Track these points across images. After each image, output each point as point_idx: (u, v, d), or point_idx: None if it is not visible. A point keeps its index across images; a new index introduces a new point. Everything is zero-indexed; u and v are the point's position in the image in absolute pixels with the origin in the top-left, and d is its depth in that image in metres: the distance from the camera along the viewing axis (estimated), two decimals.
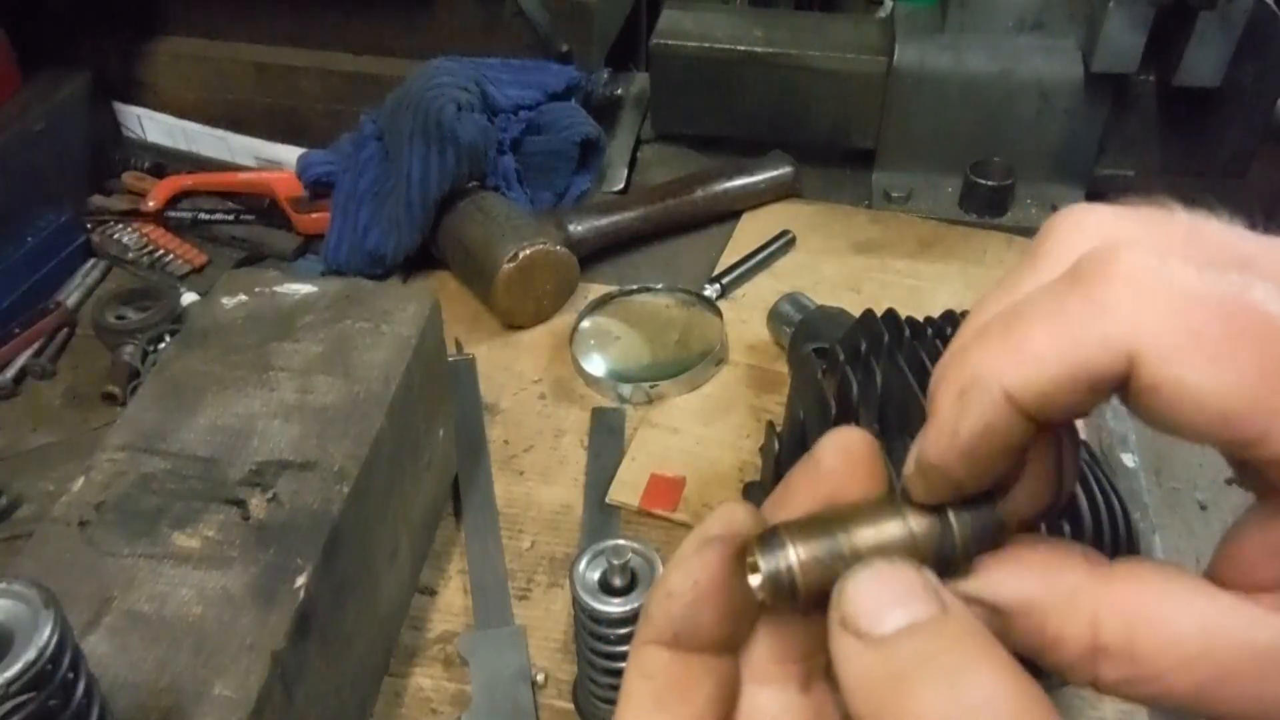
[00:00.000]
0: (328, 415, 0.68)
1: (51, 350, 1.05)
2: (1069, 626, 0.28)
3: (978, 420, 0.27)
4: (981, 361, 0.28)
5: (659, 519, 0.86)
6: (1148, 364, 0.26)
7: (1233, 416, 0.25)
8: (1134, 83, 1.15)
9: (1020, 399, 0.27)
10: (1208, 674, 0.26)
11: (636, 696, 0.31)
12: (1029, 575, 0.29)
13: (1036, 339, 0.27)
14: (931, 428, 0.29)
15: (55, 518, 0.62)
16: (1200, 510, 0.87)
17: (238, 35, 1.33)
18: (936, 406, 0.29)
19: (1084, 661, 0.28)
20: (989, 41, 1.16)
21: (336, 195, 1.15)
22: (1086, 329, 0.26)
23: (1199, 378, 0.25)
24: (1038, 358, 0.27)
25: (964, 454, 0.28)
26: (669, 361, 1.01)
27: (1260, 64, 1.09)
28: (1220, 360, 0.25)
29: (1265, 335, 0.25)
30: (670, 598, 0.30)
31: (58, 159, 1.21)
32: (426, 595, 0.80)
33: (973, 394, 0.27)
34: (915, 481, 0.30)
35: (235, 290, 0.78)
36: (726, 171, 1.20)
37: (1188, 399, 0.26)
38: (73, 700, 0.46)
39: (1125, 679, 0.27)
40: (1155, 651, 0.27)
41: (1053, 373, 0.26)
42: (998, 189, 1.17)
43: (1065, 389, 0.26)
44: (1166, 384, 0.26)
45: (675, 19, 1.28)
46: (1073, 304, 0.27)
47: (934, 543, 0.29)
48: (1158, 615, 0.27)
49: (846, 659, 0.27)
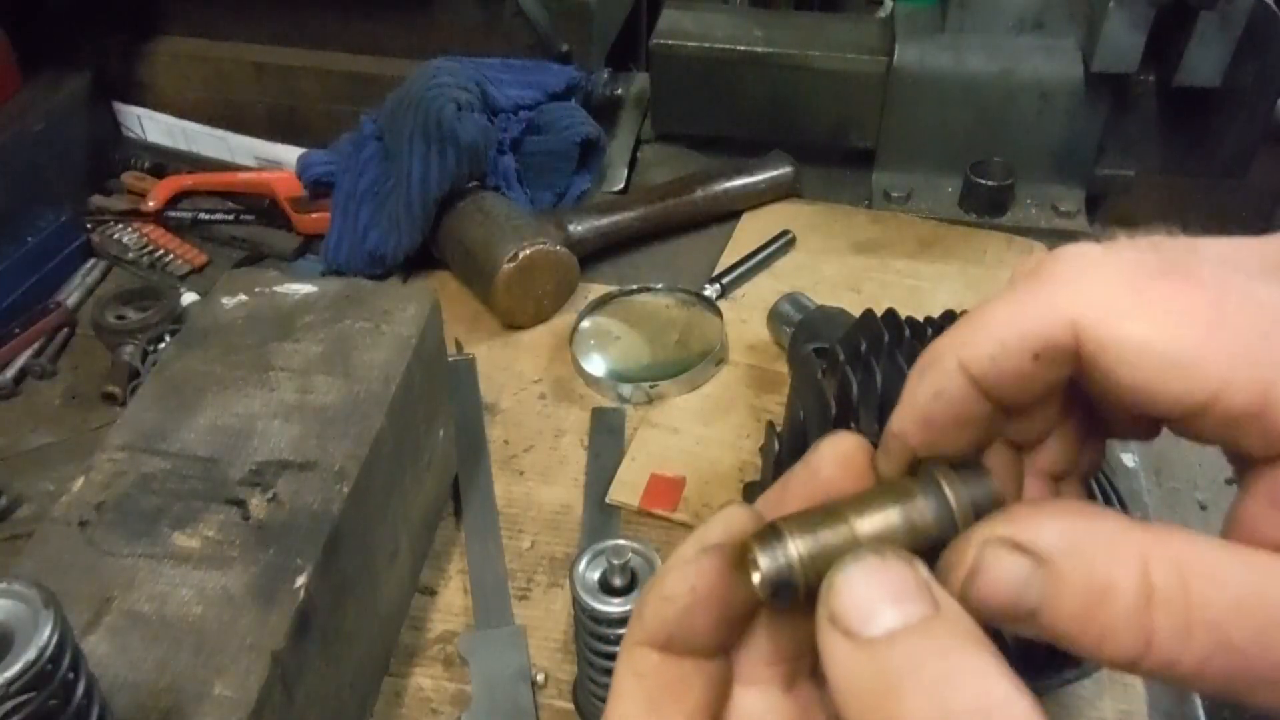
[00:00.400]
0: (328, 415, 0.68)
1: (51, 350, 1.05)
2: (1119, 568, 0.26)
3: (931, 386, 0.29)
4: (942, 340, 0.30)
5: (659, 519, 0.86)
6: (1090, 325, 0.27)
7: (1185, 366, 0.26)
8: (1134, 83, 1.15)
9: (970, 367, 0.29)
10: (1264, 619, 0.25)
11: (628, 695, 0.30)
12: (1069, 519, 0.27)
13: (988, 316, 0.29)
14: (899, 404, 0.31)
15: (55, 518, 0.62)
16: (1200, 510, 0.87)
17: (237, 35, 1.33)
18: (905, 386, 0.31)
19: (1137, 613, 0.25)
20: (989, 41, 1.16)
21: (336, 195, 1.15)
22: (1031, 301, 0.28)
23: (1141, 330, 0.26)
24: (985, 327, 0.29)
25: (919, 421, 0.30)
26: (669, 361, 1.01)
27: (1260, 64, 1.09)
28: (1161, 312, 0.26)
29: (1202, 290, 0.26)
30: (665, 601, 0.30)
31: (58, 159, 1.21)
32: (426, 595, 0.80)
33: (929, 367, 0.30)
34: (878, 456, 0.31)
35: (235, 290, 0.78)
36: (726, 171, 1.20)
37: (1135, 353, 0.26)
38: (73, 700, 0.46)
39: (1182, 627, 0.25)
40: (1211, 594, 0.25)
41: (997, 338, 0.28)
42: (998, 189, 1.17)
43: (1011, 355, 0.28)
44: (1111, 343, 0.26)
45: (675, 19, 1.28)
46: (1022, 286, 0.29)
47: (932, 521, 0.29)
48: (1206, 559, 0.26)
49: (835, 659, 0.26)
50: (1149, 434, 0.32)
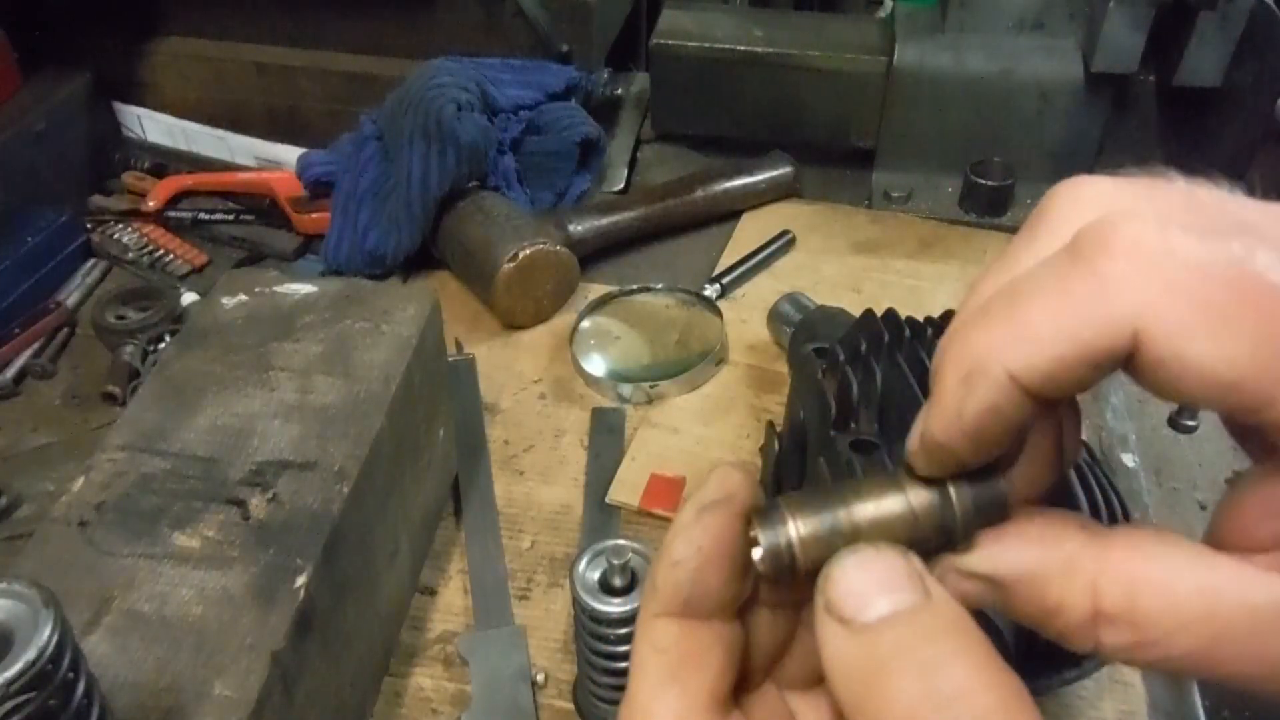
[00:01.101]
0: (328, 415, 0.68)
1: (51, 350, 1.05)
2: (1069, 594, 0.28)
3: (982, 402, 0.27)
4: (985, 343, 0.27)
5: (659, 519, 0.86)
6: (1153, 340, 0.25)
7: (1238, 386, 0.25)
8: (1134, 83, 1.15)
9: (1025, 380, 0.27)
10: (1208, 635, 0.26)
11: (650, 669, 0.31)
12: (1026, 546, 0.29)
13: (1039, 319, 0.26)
14: (936, 407, 0.29)
15: (55, 518, 0.62)
16: (1200, 510, 0.87)
17: (237, 35, 1.33)
18: (942, 387, 0.29)
19: (1085, 628, 0.28)
20: (989, 41, 1.16)
21: (336, 195, 1.15)
22: (1090, 307, 0.26)
23: (1204, 351, 0.25)
24: (1041, 338, 0.26)
25: (968, 435, 0.28)
26: (669, 361, 1.01)
27: (1260, 64, 1.09)
28: (1225, 332, 0.25)
29: (1268, 304, 0.25)
30: (676, 565, 0.30)
31: (58, 159, 1.21)
32: (426, 595, 0.80)
33: (977, 377, 0.27)
34: (918, 458, 0.30)
35: (235, 290, 0.78)
36: (726, 171, 1.20)
37: (1193, 372, 0.25)
38: (73, 700, 0.46)
39: (1127, 644, 0.27)
40: (1156, 615, 0.27)
41: (1057, 353, 0.26)
42: (998, 189, 1.17)
43: (1070, 368, 0.26)
44: (1172, 358, 0.25)
45: (675, 19, 1.28)
46: (1075, 281, 0.26)
47: (934, 517, 0.29)
48: (1157, 579, 0.27)
49: (830, 644, 0.27)
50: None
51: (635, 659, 0.31)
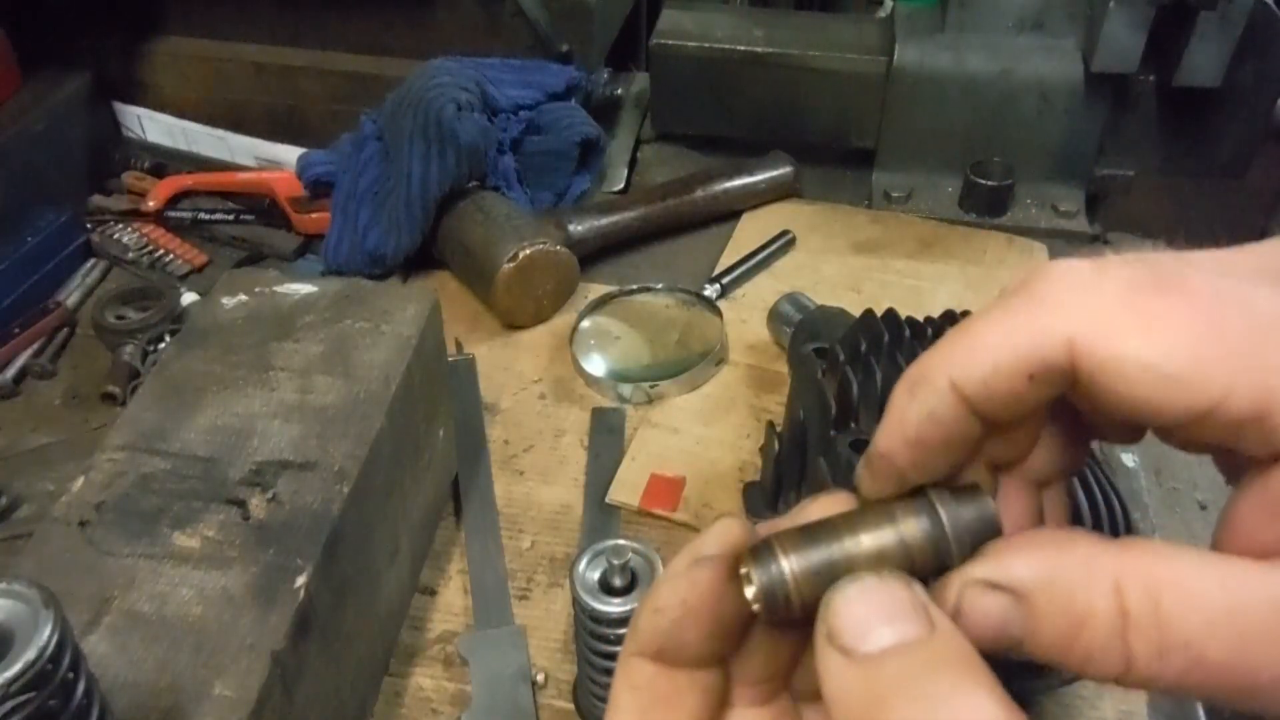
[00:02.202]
0: (328, 415, 0.68)
1: (51, 350, 1.05)
2: (1095, 596, 0.26)
3: (922, 408, 0.29)
4: (932, 358, 0.29)
5: (659, 519, 0.86)
6: (1087, 345, 0.26)
7: (1182, 380, 0.26)
8: (1134, 83, 1.15)
9: (964, 388, 0.28)
10: (1236, 635, 0.25)
11: (624, 705, 0.31)
12: (1042, 552, 0.28)
13: (980, 334, 0.28)
14: (884, 421, 0.30)
15: (55, 518, 0.62)
16: (1200, 510, 0.87)
17: (238, 35, 1.33)
18: (890, 402, 0.30)
19: (1113, 637, 0.26)
20: (989, 41, 1.16)
21: (336, 195, 1.15)
22: (1024, 319, 0.28)
23: (1138, 347, 0.26)
24: (979, 348, 0.28)
25: (909, 442, 0.29)
26: (669, 361, 1.01)
27: (1260, 64, 1.09)
28: (1158, 328, 0.26)
29: (1196, 300, 0.26)
30: (657, 613, 0.30)
31: (58, 159, 1.21)
32: (426, 595, 0.80)
33: (919, 386, 0.29)
34: (863, 475, 0.31)
35: (235, 290, 0.78)
36: (726, 171, 1.20)
37: (1133, 371, 0.26)
38: (73, 700, 0.46)
39: (1157, 649, 0.26)
40: (1182, 614, 0.26)
41: (993, 359, 0.28)
42: (998, 189, 1.17)
43: (1005, 376, 0.28)
44: (1110, 361, 0.26)
45: (675, 19, 1.28)
46: (1014, 303, 0.28)
47: (926, 542, 0.29)
48: (1179, 578, 0.26)
49: (831, 674, 0.27)
50: (1134, 437, 0.32)
51: (612, 692, 0.31)
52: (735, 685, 0.32)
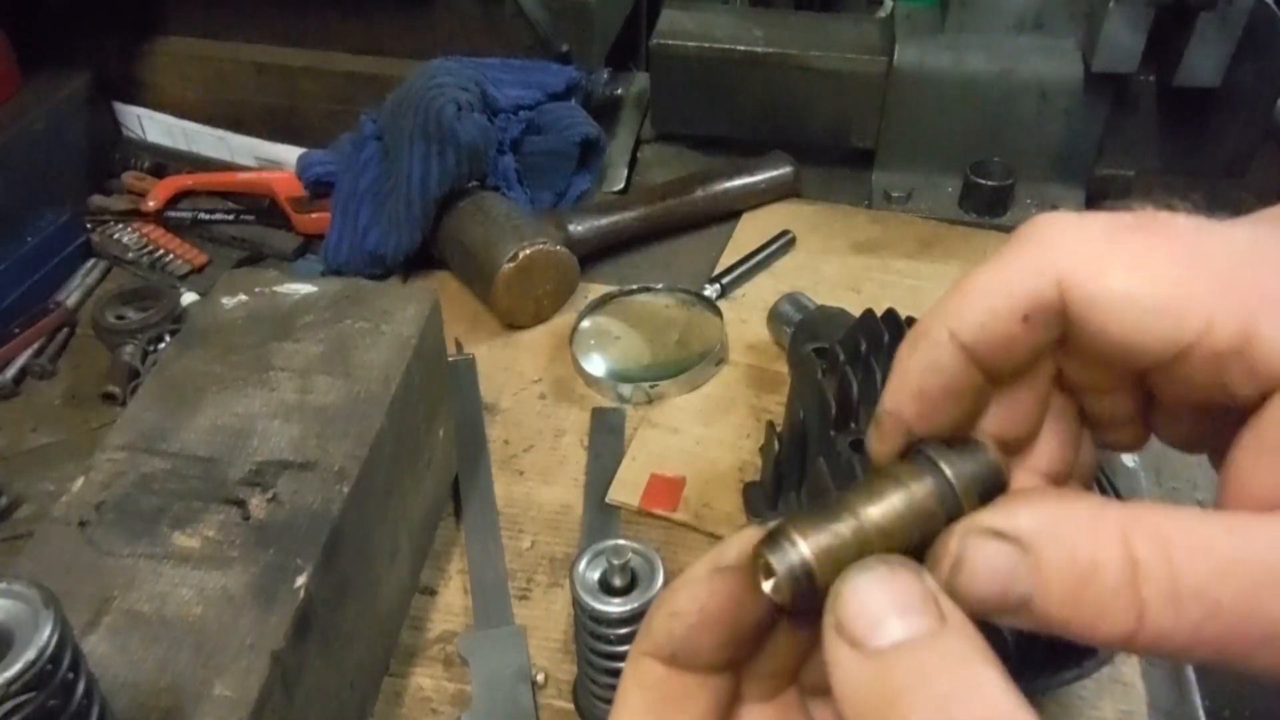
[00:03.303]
0: (328, 415, 0.68)
1: (51, 350, 1.05)
2: (1102, 547, 0.26)
3: (924, 358, 0.30)
4: (930, 313, 0.30)
5: (659, 519, 0.86)
6: (1076, 281, 0.27)
7: (1169, 307, 0.26)
8: (1134, 83, 1.15)
9: (961, 334, 0.29)
10: (1250, 580, 0.24)
11: (632, 705, 0.31)
12: (1046, 502, 0.28)
13: (973, 283, 0.29)
14: (888, 380, 0.31)
15: (55, 518, 0.62)
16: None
17: (238, 35, 1.33)
18: (894, 361, 0.31)
19: (1124, 589, 0.25)
20: (989, 41, 1.16)
21: (336, 195, 1.15)
22: (1015, 264, 0.29)
23: (1122, 279, 0.27)
24: (974, 294, 0.29)
25: (913, 394, 0.30)
26: (669, 361, 1.01)
27: (1260, 64, 1.09)
28: (1143, 258, 0.27)
29: (1177, 235, 0.27)
30: (673, 618, 0.30)
31: (58, 159, 1.21)
32: (426, 595, 0.80)
33: (919, 338, 0.30)
34: (872, 436, 0.31)
35: (235, 290, 0.78)
36: (726, 171, 1.20)
37: (1121, 301, 0.27)
38: (73, 700, 0.46)
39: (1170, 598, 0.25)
40: (1193, 561, 0.25)
41: (986, 304, 0.29)
42: (998, 189, 1.17)
43: (1000, 319, 0.29)
44: (1099, 293, 0.27)
45: (675, 19, 1.28)
46: (1005, 252, 0.29)
47: (936, 499, 0.29)
48: (1186, 528, 0.26)
49: (840, 667, 0.26)
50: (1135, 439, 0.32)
51: (620, 690, 0.31)
52: (744, 681, 0.32)
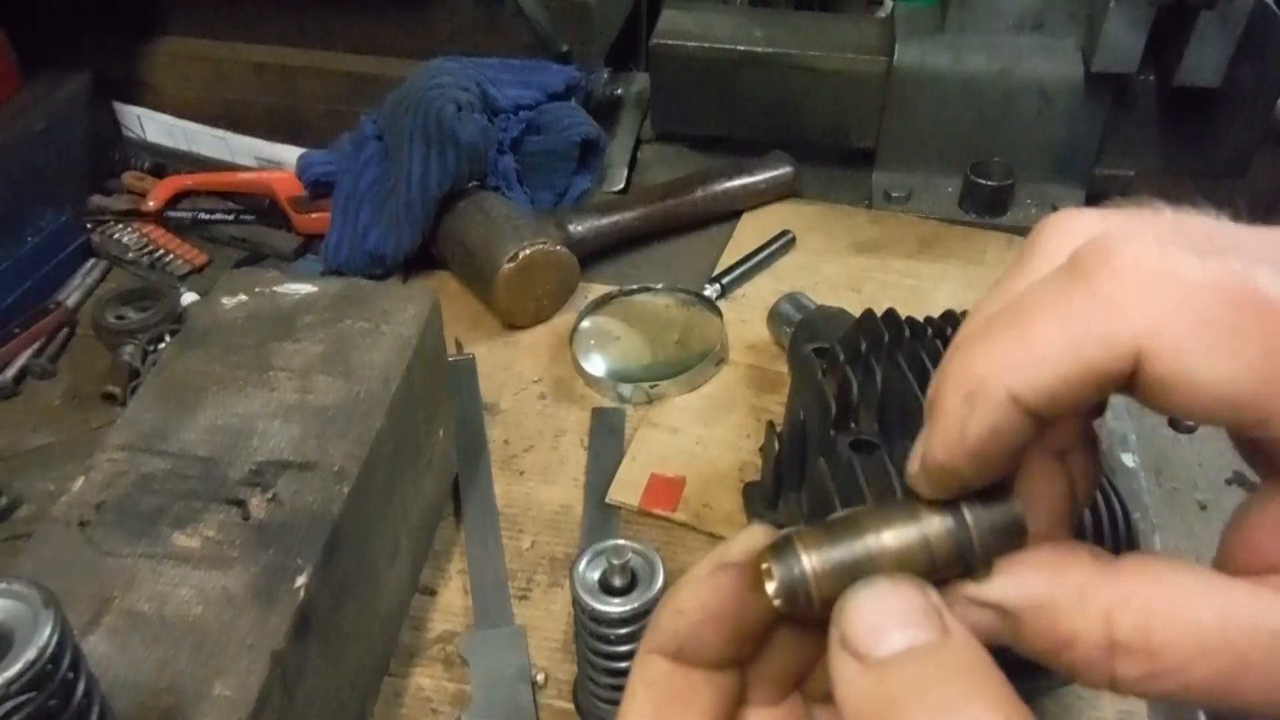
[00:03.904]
0: (328, 415, 0.68)
1: (51, 350, 1.05)
2: (1081, 623, 0.27)
3: (985, 422, 0.27)
4: (987, 362, 0.27)
5: (659, 519, 0.86)
6: (1157, 358, 0.25)
7: (1241, 402, 0.25)
8: (1134, 83, 1.15)
9: (1027, 400, 0.26)
10: (1228, 661, 0.25)
11: (639, 702, 0.31)
12: (1036, 575, 0.28)
13: (1041, 338, 0.26)
14: (938, 428, 0.28)
15: (55, 518, 0.62)
16: (1200, 510, 0.87)
17: (237, 35, 1.33)
18: (942, 407, 0.28)
19: (1099, 659, 0.27)
20: (989, 41, 1.16)
21: (336, 195, 1.15)
22: (1093, 327, 0.26)
23: (1207, 369, 0.25)
24: (1044, 358, 0.26)
25: (971, 456, 0.28)
26: (669, 361, 1.01)
27: (1260, 64, 1.09)
28: (1228, 350, 0.25)
29: (1270, 319, 0.25)
30: (678, 615, 0.30)
31: (58, 159, 1.21)
32: (426, 595, 0.80)
33: (980, 397, 0.27)
34: (920, 481, 0.29)
35: (235, 290, 0.78)
36: (726, 171, 1.20)
37: (1196, 390, 0.25)
38: (73, 700, 0.46)
39: (1144, 674, 0.26)
40: (1174, 643, 0.26)
41: (1060, 373, 0.26)
42: (998, 189, 1.17)
43: (1073, 389, 0.26)
44: (1176, 377, 0.25)
45: (675, 19, 1.28)
46: (1077, 300, 0.26)
47: (950, 544, 0.29)
48: (1173, 606, 0.26)
49: (844, 678, 0.27)
50: None
51: (628, 688, 0.32)
52: (751, 685, 0.32)
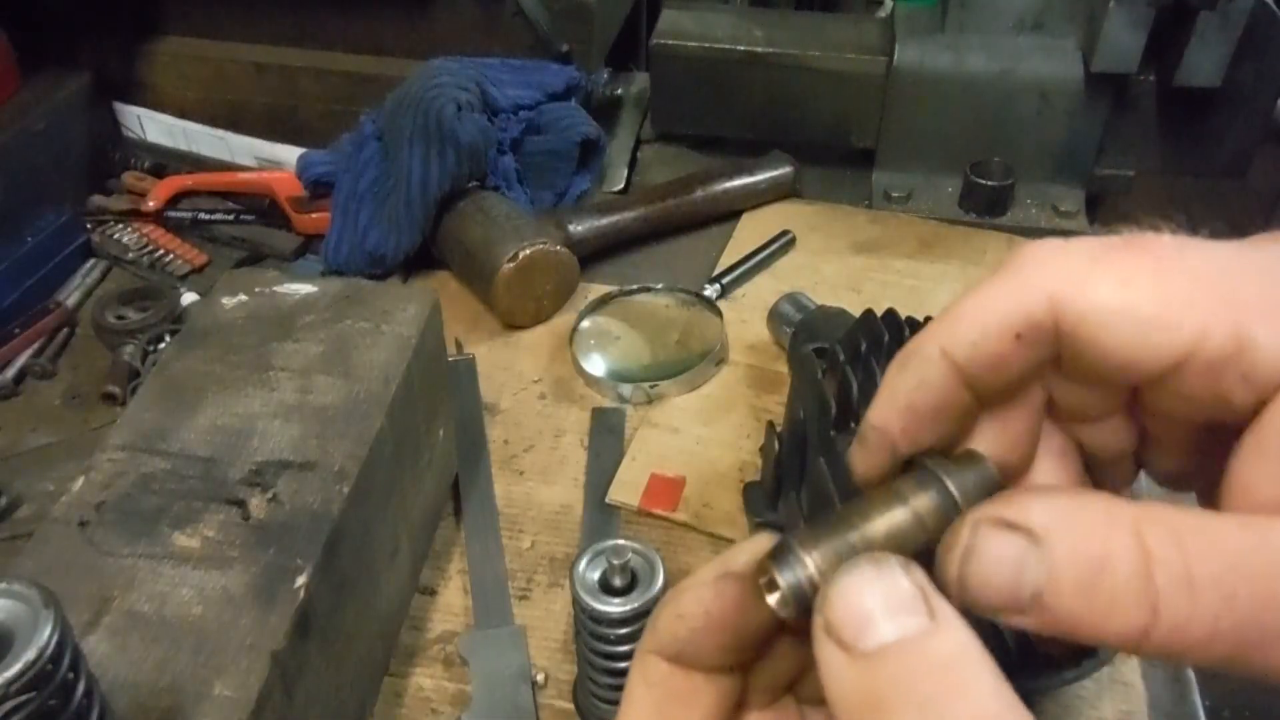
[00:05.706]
0: (328, 415, 0.68)
1: (51, 350, 1.05)
2: (1115, 537, 0.25)
3: (912, 376, 0.30)
4: (921, 334, 0.31)
5: (659, 519, 0.86)
6: (1068, 298, 0.28)
7: (1162, 320, 0.27)
8: (1134, 83, 1.15)
9: (952, 352, 0.29)
10: (1265, 571, 0.24)
11: (638, 702, 0.31)
12: (1058, 496, 0.27)
13: (966, 305, 0.30)
14: (876, 397, 0.31)
15: (55, 518, 0.62)
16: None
17: (237, 35, 1.33)
18: (883, 380, 0.31)
19: (1140, 578, 0.25)
20: (989, 41, 1.16)
21: (336, 195, 1.15)
22: (1006, 284, 0.29)
23: (1112, 293, 0.27)
24: (966, 315, 0.30)
25: (900, 411, 0.30)
26: (669, 361, 1.01)
27: (1260, 64, 1.09)
28: (1132, 274, 0.27)
29: (1162, 252, 0.28)
30: (679, 619, 0.30)
31: (58, 159, 1.21)
32: (426, 595, 0.80)
33: (910, 357, 0.30)
34: (855, 452, 0.32)
35: (235, 290, 0.78)
36: (726, 171, 1.20)
37: (1114, 316, 0.27)
38: (73, 700, 0.46)
39: (1184, 584, 0.24)
40: (1207, 551, 0.25)
41: (979, 323, 0.29)
42: (998, 189, 1.17)
43: (992, 337, 0.29)
44: (1091, 310, 0.27)
45: (675, 19, 1.28)
46: (996, 276, 0.30)
47: (939, 511, 0.29)
48: (1199, 521, 0.25)
49: (829, 669, 0.26)
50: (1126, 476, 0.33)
51: (627, 687, 0.32)
52: (751, 689, 0.32)
